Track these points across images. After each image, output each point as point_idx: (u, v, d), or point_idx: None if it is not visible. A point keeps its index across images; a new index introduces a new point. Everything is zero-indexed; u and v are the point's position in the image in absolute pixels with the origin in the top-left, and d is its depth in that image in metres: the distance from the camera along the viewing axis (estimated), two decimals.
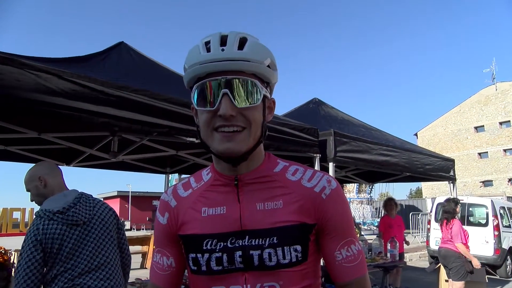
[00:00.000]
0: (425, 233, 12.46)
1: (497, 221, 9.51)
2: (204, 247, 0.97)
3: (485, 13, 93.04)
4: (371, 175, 7.83)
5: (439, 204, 10.07)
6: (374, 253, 5.67)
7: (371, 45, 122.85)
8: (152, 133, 3.57)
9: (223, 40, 0.92)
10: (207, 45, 0.93)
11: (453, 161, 6.95)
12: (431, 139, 37.19)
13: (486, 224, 9.64)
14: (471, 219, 10.08)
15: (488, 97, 34.63)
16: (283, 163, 1.06)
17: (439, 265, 6.01)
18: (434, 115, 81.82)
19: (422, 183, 35.71)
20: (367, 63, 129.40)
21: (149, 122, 2.83)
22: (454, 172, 6.87)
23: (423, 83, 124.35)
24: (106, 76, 2.82)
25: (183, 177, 6.69)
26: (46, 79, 2.30)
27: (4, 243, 5.07)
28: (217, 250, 0.96)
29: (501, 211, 10.05)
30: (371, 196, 27.86)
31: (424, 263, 10.85)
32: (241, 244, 0.96)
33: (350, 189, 26.66)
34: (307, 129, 4.27)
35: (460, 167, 30.33)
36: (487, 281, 5.86)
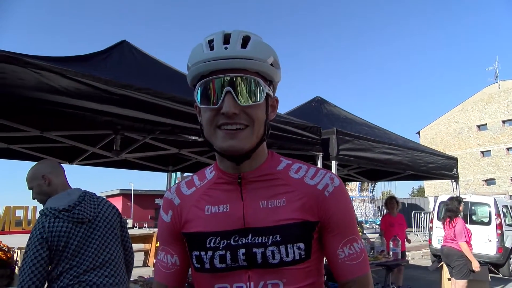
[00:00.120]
0: (428, 232, 12.42)
1: (500, 220, 9.49)
2: (207, 245, 0.97)
3: (487, 12, 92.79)
4: (374, 173, 7.82)
5: (442, 202, 10.04)
6: (376, 252, 5.66)
7: (373, 44, 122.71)
8: (154, 132, 3.56)
9: (227, 38, 0.93)
10: (211, 44, 0.93)
11: (456, 159, 6.93)
12: (433, 137, 37.08)
13: (489, 222, 9.62)
14: (474, 217, 10.07)
15: (491, 96, 34.49)
16: (286, 161, 1.06)
17: (441, 263, 5.99)
18: (436, 113, 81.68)
19: (424, 181, 35.62)
20: (369, 62, 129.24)
21: (151, 120, 2.83)
22: (457, 170, 6.86)
23: (426, 82, 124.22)
24: (108, 74, 2.81)
25: (185, 175, 6.69)
26: (49, 77, 2.30)
27: (7, 240, 5.10)
28: (221, 248, 0.96)
29: (504, 210, 10.02)
30: (373, 194, 27.93)
31: (426, 262, 10.83)
32: (244, 242, 0.96)
33: (352, 188, 26.68)
34: (310, 128, 4.26)
35: (462, 165, 30.29)
36: (489, 280, 5.85)
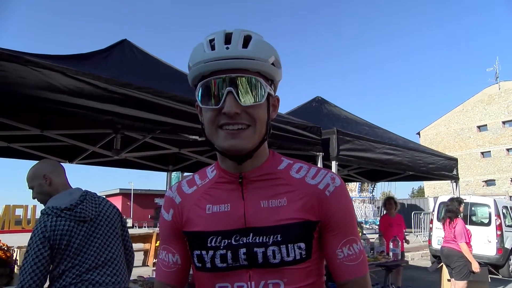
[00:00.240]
0: (427, 232, 12.43)
1: (499, 221, 9.49)
2: (208, 244, 0.97)
3: (487, 12, 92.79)
4: (374, 174, 7.82)
5: (441, 203, 10.05)
6: (376, 252, 5.66)
7: (373, 44, 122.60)
8: (155, 131, 3.57)
9: (228, 38, 0.92)
10: (212, 43, 0.93)
11: (456, 160, 6.93)
12: (433, 138, 37.08)
13: (488, 223, 9.63)
14: (474, 218, 10.07)
15: (491, 96, 34.49)
16: (287, 161, 1.06)
17: (441, 264, 5.99)
18: (437, 114, 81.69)
19: (424, 182, 35.63)
20: (369, 62, 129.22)
21: (152, 119, 2.83)
22: (457, 171, 6.86)
23: (426, 82, 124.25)
24: (109, 73, 2.81)
25: (185, 175, 6.69)
26: (50, 76, 2.30)
27: (6, 240, 5.09)
28: (222, 247, 0.96)
29: (504, 211, 10.02)
30: (373, 195, 27.86)
31: (426, 262, 10.84)
32: (245, 241, 0.96)
33: (352, 188, 26.65)
34: (310, 128, 4.26)
35: (462, 166, 30.27)
36: (489, 281, 5.85)
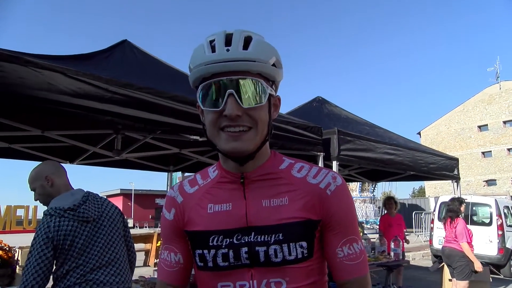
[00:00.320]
0: (428, 232, 12.41)
1: (501, 221, 9.47)
2: (210, 243, 0.98)
3: (488, 12, 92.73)
4: (375, 173, 7.81)
5: (442, 203, 10.05)
6: (377, 252, 5.66)
7: (372, 42, 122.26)
8: (155, 131, 3.57)
9: (228, 39, 0.92)
10: (212, 44, 0.92)
11: (457, 160, 6.93)
12: (434, 138, 37.07)
13: (490, 223, 9.61)
14: (475, 218, 10.06)
15: (492, 96, 34.47)
16: (288, 161, 1.07)
17: (442, 264, 5.99)
18: (437, 114, 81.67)
19: (425, 182, 35.61)
20: (369, 61, 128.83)
21: (153, 120, 2.82)
22: (458, 171, 6.85)
23: (426, 82, 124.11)
24: (110, 74, 2.81)
25: (186, 175, 6.69)
26: (50, 76, 2.30)
27: (8, 240, 5.10)
28: (223, 246, 0.97)
29: (505, 211, 10.00)
30: (374, 195, 27.87)
31: (427, 262, 10.83)
32: (247, 240, 0.96)
33: (353, 188, 26.67)
34: (311, 128, 4.26)
35: (463, 166, 30.24)
36: (491, 281, 5.84)
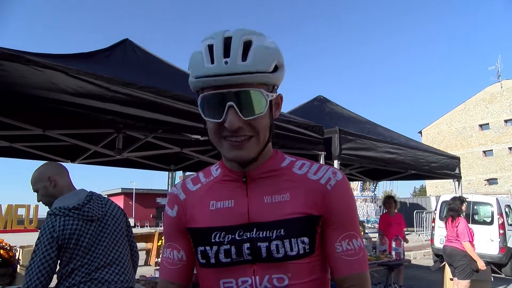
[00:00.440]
0: (430, 231, 12.40)
1: (502, 220, 9.45)
2: (212, 240, 0.99)
3: (489, 10, 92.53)
4: (376, 173, 7.81)
5: (444, 202, 10.04)
6: (378, 251, 5.65)
7: (373, 40, 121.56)
8: (157, 130, 3.57)
9: (227, 46, 0.89)
10: (211, 52, 0.90)
11: (458, 159, 6.91)
12: (435, 137, 37.05)
13: (491, 222, 9.59)
14: (476, 217, 10.04)
15: (493, 95, 34.45)
16: (290, 158, 1.08)
17: (443, 263, 5.98)
18: (438, 112, 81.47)
19: (426, 181, 35.65)
20: (369, 59, 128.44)
21: (154, 119, 2.82)
22: (459, 170, 6.85)
23: (427, 80, 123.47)
24: (111, 73, 2.80)
25: (187, 174, 6.69)
26: (52, 75, 2.29)
27: (9, 239, 5.09)
28: (226, 242, 0.98)
29: (506, 210, 9.97)
30: (375, 194, 27.86)
31: (428, 261, 10.82)
32: (249, 236, 0.97)
33: (354, 187, 26.67)
34: (312, 127, 4.25)
35: (464, 165, 30.10)
36: (492, 280, 5.84)
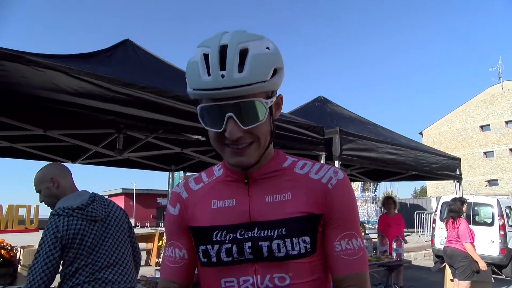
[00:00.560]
0: (430, 232, 12.39)
1: (503, 221, 9.44)
2: (214, 239, 0.99)
3: (490, 11, 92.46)
4: (377, 173, 7.80)
5: (444, 203, 10.03)
6: (379, 252, 5.65)
7: (373, 41, 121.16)
8: (157, 131, 3.57)
9: (222, 56, 0.88)
10: (207, 63, 0.89)
11: (459, 160, 6.91)
12: (436, 137, 37.02)
13: (491, 223, 9.58)
14: (477, 218, 10.03)
15: (494, 96, 34.42)
16: (291, 159, 1.09)
17: (444, 264, 5.97)
18: (439, 113, 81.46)
19: (427, 182, 35.59)
20: (370, 60, 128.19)
21: (154, 119, 2.83)
22: (460, 171, 6.84)
23: (428, 81, 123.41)
24: (112, 73, 2.81)
25: (188, 174, 6.69)
26: (52, 76, 2.30)
27: (9, 239, 5.09)
28: (227, 241, 0.98)
29: (507, 211, 9.97)
30: (375, 195, 27.79)
31: (429, 262, 10.81)
32: (250, 235, 0.97)
33: (354, 188, 26.55)
34: (313, 127, 4.25)
35: (465, 166, 30.14)
36: (493, 281, 5.83)
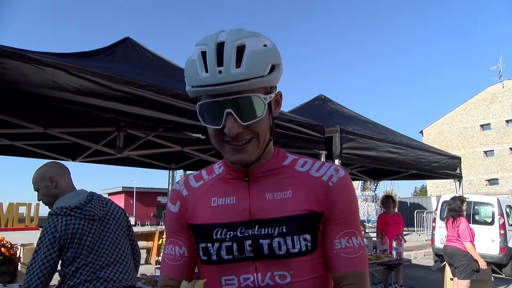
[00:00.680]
0: (430, 231, 12.39)
1: (503, 220, 9.44)
2: (214, 237, 0.99)
3: (491, 10, 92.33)
4: (377, 172, 7.79)
5: (444, 202, 10.02)
6: (379, 251, 5.65)
7: (374, 40, 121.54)
8: (158, 129, 3.56)
9: (220, 53, 0.88)
10: (204, 61, 0.89)
11: (459, 159, 6.91)
12: (436, 136, 37.01)
13: (492, 222, 9.58)
14: (477, 217, 10.03)
15: (494, 95, 34.39)
16: (292, 157, 1.08)
17: (444, 263, 5.97)
18: (440, 112, 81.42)
19: (427, 181, 35.63)
20: (370, 59, 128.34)
21: (155, 117, 2.82)
22: (460, 170, 6.84)
23: (428, 80, 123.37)
24: (112, 71, 2.80)
25: (188, 173, 6.69)
26: (53, 74, 2.30)
27: (10, 237, 5.11)
28: (227, 239, 0.98)
29: (507, 210, 9.96)
30: (376, 193, 27.80)
31: (429, 261, 10.82)
32: (250, 233, 0.97)
33: (355, 187, 26.51)
34: (313, 126, 4.25)
35: (465, 165, 30.16)
36: (493, 280, 5.83)
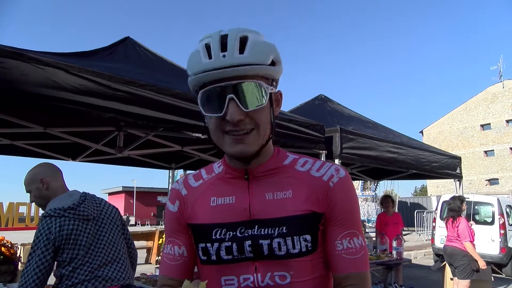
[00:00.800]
0: (430, 231, 12.40)
1: (503, 220, 9.44)
2: (213, 237, 0.98)
3: (491, 10, 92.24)
4: (377, 172, 7.80)
5: (444, 202, 10.02)
6: (379, 250, 5.65)
7: (374, 39, 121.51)
8: (158, 128, 3.56)
9: (223, 42, 0.90)
10: (208, 50, 0.91)
11: (459, 158, 6.90)
12: (436, 136, 36.99)
13: (492, 222, 9.58)
14: (477, 217, 10.03)
15: (495, 95, 34.37)
16: (292, 156, 1.08)
17: (444, 263, 5.97)
18: (440, 112, 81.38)
19: (427, 180, 35.63)
20: (371, 59, 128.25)
21: (155, 117, 2.83)
22: (460, 170, 6.84)
23: (429, 80, 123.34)
24: (113, 71, 2.81)
25: (188, 172, 6.69)
26: (53, 73, 2.30)
27: (10, 237, 5.10)
28: (227, 239, 0.97)
29: (507, 210, 9.96)
30: (376, 193, 27.77)
31: (429, 261, 10.81)
32: (250, 233, 0.97)
33: (355, 186, 26.59)
34: (314, 126, 4.25)
35: (465, 165, 30.09)
36: (493, 280, 5.83)
